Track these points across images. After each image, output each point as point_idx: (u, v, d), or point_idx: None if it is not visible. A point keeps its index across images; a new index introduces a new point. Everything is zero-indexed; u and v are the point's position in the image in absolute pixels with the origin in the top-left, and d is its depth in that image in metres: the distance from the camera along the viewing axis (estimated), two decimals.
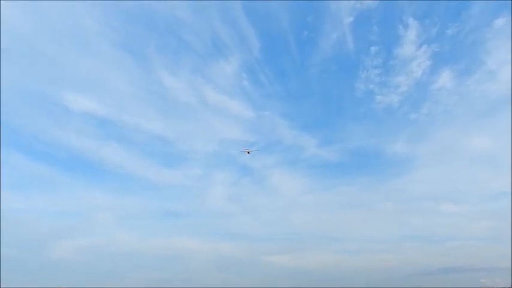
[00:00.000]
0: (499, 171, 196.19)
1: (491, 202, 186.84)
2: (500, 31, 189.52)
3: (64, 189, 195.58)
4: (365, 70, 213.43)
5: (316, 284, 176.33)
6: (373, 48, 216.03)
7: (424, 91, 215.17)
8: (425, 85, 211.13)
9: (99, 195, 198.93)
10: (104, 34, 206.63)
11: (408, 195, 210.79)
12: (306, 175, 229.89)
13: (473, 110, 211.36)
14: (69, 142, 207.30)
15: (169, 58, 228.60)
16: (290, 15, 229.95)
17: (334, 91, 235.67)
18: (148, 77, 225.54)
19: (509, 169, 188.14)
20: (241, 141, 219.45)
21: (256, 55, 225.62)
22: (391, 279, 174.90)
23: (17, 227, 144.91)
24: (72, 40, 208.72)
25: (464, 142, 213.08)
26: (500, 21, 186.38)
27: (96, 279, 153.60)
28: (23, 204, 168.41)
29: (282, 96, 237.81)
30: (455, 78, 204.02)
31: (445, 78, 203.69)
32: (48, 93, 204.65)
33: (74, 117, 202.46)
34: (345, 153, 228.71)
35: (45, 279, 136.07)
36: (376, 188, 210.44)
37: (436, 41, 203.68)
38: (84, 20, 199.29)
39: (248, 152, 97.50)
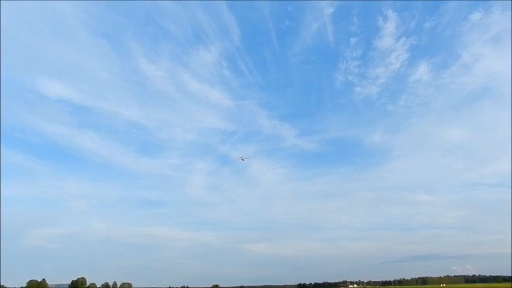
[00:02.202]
0: (473, 162, 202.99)
1: (464, 192, 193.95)
2: (475, 25, 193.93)
3: (38, 177, 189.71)
4: (345, 61, 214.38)
5: (295, 271, 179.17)
6: (353, 39, 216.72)
7: (401, 83, 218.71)
8: (403, 77, 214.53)
9: (75, 183, 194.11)
10: (81, 20, 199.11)
11: (385, 185, 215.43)
12: (286, 165, 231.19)
13: (449, 102, 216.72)
14: (44, 129, 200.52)
15: (147, 46, 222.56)
16: (271, 4, 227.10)
17: (314, 82, 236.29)
18: (126, 64, 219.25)
19: (482, 160, 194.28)
20: (220, 131, 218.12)
21: (237, 44, 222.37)
22: (368, 267, 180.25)
23: None
24: (48, 25, 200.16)
25: (440, 133, 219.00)
26: (476, 16, 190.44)
27: (73, 267, 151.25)
28: None
29: (262, 86, 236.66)
30: (432, 71, 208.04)
31: (422, 70, 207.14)
32: (22, 79, 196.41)
33: (49, 104, 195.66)
34: (324, 144, 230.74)
35: (20, 268, 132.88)
36: (354, 178, 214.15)
37: (414, 34, 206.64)
38: (61, 5, 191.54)
39: (243, 160, 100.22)
